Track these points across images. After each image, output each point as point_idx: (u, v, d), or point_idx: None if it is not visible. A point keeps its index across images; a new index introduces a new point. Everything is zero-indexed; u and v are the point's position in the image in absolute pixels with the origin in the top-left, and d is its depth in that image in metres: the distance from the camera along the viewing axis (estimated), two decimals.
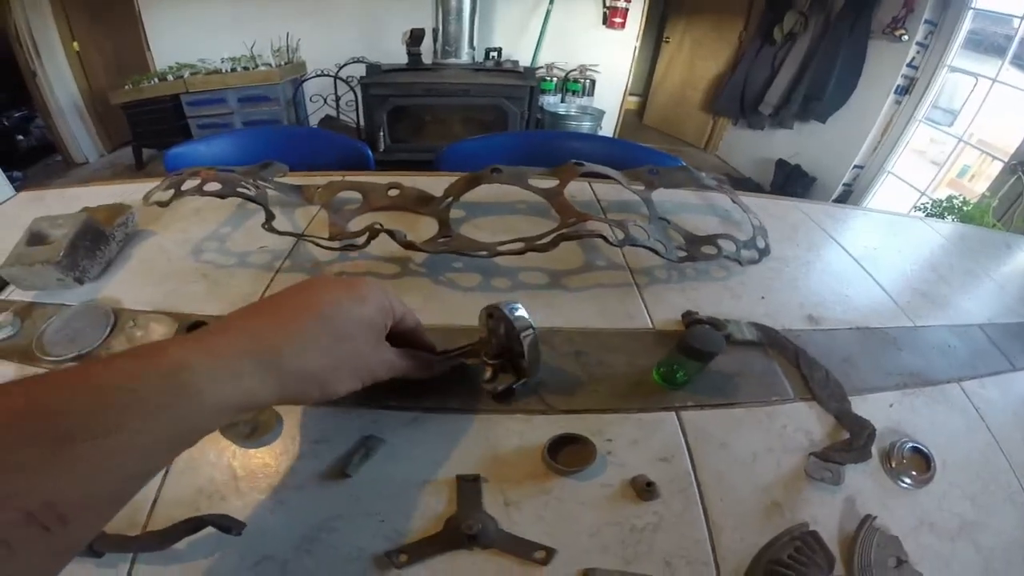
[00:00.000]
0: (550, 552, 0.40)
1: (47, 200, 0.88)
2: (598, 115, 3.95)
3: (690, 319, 0.60)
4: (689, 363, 0.49)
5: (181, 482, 0.43)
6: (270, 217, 0.65)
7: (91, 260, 0.67)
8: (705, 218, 0.85)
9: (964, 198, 2.58)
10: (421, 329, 0.47)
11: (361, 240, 0.63)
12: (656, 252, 0.62)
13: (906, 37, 3.11)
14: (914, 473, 0.47)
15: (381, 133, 3.43)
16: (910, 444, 0.49)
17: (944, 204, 2.56)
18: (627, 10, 3.84)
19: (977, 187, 2.90)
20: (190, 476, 0.44)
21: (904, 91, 3.26)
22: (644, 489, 0.43)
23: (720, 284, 0.68)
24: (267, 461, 0.45)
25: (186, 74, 3.59)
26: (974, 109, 2.94)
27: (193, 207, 0.84)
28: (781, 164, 3.97)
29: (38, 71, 4.12)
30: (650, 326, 0.60)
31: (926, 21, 3.04)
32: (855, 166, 3.53)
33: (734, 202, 0.81)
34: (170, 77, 3.61)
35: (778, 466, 0.47)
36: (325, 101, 3.89)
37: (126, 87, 3.63)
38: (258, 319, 0.36)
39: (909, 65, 3.17)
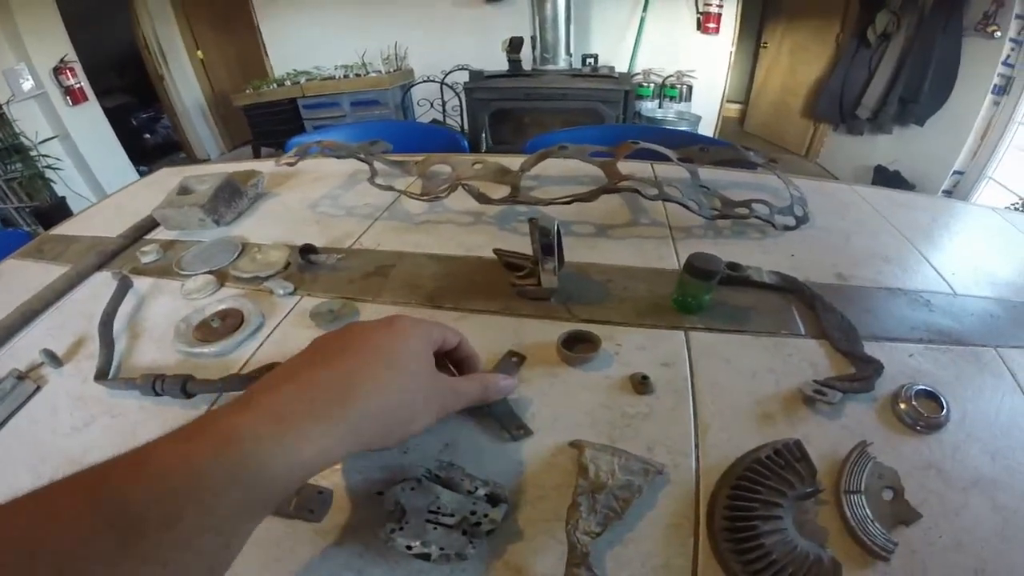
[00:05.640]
0: (527, 431, 0.45)
1: (184, 174, 1.02)
2: (694, 120, 3.97)
3: None
4: (693, 283, 0.56)
5: (269, 350, 0.57)
6: (374, 173, 0.81)
7: (227, 208, 0.87)
8: (752, 193, 0.90)
9: None
10: (469, 349, 0.46)
11: (445, 193, 0.78)
12: (687, 207, 0.72)
13: (999, 33, 2.90)
14: (924, 413, 0.45)
15: (483, 135, 3.65)
16: (919, 387, 0.47)
17: None
18: (720, 15, 3.85)
19: None
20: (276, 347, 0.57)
21: (1002, 91, 3.00)
22: (640, 382, 0.49)
23: (754, 243, 0.75)
24: None
25: (302, 80, 3.98)
26: None
27: (312, 177, 1.04)
28: (880, 171, 3.78)
29: (165, 76, 4.76)
30: (677, 267, 0.67)
31: (1017, 16, 2.81)
32: (955, 171, 3.29)
33: (779, 177, 0.88)
34: (288, 83, 4.02)
35: (777, 385, 0.49)
36: (432, 105, 4.18)
37: (247, 91, 4.08)
38: (309, 369, 0.33)
39: (1005, 63, 2.93)
